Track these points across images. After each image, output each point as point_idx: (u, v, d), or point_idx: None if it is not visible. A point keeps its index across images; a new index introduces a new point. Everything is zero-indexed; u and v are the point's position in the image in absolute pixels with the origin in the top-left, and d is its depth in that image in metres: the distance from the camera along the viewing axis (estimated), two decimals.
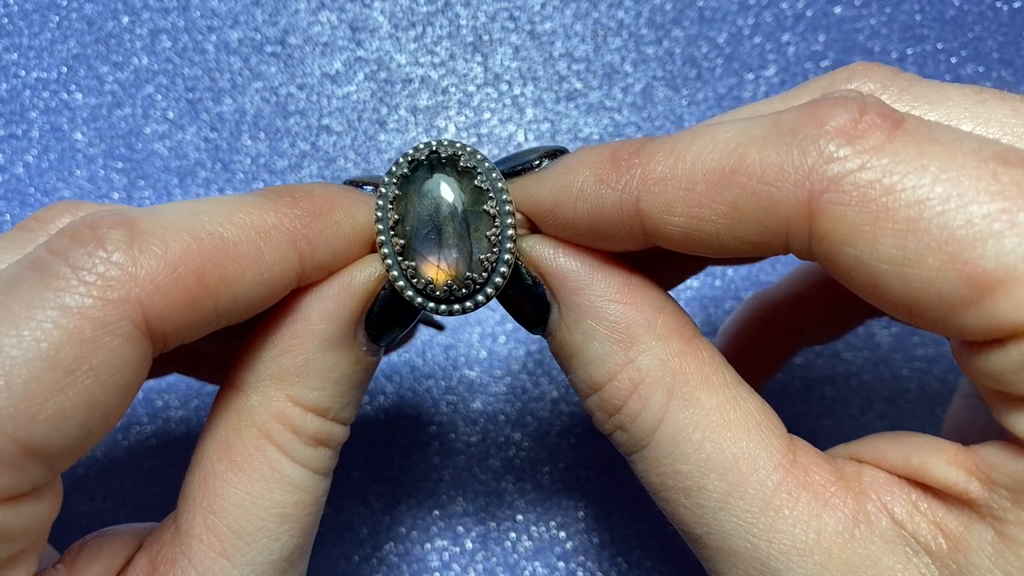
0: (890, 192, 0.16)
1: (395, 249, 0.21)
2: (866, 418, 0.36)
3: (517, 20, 0.39)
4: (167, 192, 0.37)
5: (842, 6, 0.39)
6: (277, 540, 0.21)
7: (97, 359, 0.17)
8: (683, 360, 0.20)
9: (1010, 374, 0.16)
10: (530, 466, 0.35)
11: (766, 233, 0.18)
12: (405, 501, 0.35)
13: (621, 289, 0.21)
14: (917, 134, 0.16)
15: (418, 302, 0.22)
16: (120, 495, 0.34)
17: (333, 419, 0.22)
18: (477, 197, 0.21)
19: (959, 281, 0.15)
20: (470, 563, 0.34)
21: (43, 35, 0.38)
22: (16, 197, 0.37)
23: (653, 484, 0.21)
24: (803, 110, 0.18)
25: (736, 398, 0.20)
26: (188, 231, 0.18)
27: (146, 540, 0.22)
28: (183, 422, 0.35)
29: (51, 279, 0.17)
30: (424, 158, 0.22)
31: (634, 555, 0.35)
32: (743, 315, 0.32)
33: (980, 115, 0.19)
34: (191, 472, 0.21)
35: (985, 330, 0.16)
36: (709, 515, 0.19)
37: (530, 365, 0.36)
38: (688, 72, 0.39)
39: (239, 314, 0.20)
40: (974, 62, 0.39)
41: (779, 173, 0.17)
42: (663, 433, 0.20)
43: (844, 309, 0.30)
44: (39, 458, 0.17)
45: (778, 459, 0.19)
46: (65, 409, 0.17)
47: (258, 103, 0.38)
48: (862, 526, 0.18)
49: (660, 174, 0.19)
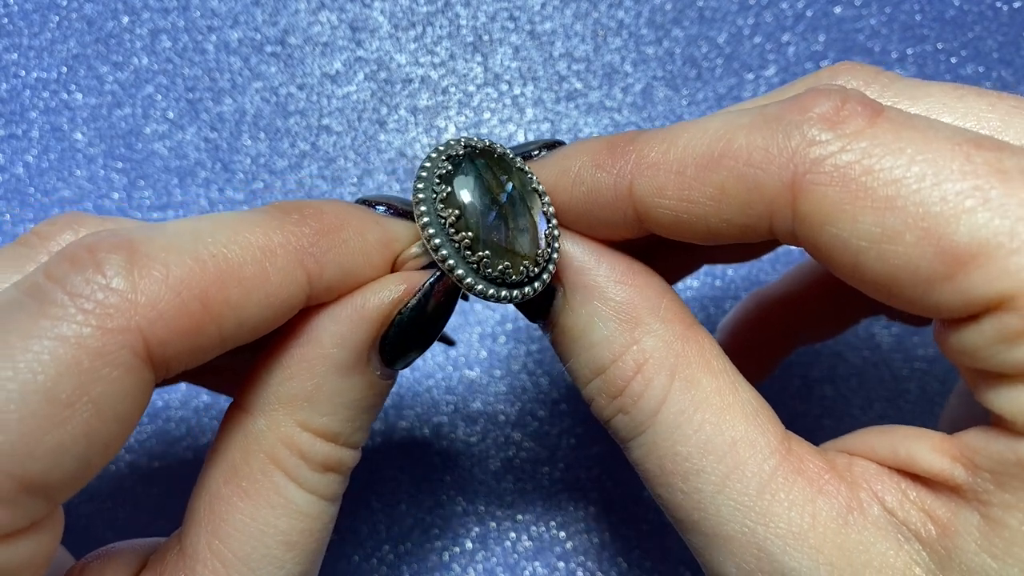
0: (869, 172, 0.17)
1: (463, 245, 0.21)
2: (866, 418, 0.36)
3: (517, 20, 0.39)
4: (167, 192, 0.37)
5: (842, 6, 0.39)
6: (282, 568, 0.20)
7: (96, 391, 0.16)
8: (685, 344, 0.21)
9: (984, 349, 0.16)
10: (530, 466, 0.35)
11: (751, 215, 0.18)
12: (405, 501, 0.35)
13: (626, 271, 0.21)
14: (896, 121, 0.17)
15: (490, 293, 0.21)
16: (120, 495, 0.34)
17: (343, 444, 0.21)
18: (522, 178, 0.22)
19: (935, 256, 0.16)
20: (470, 563, 0.34)
21: (43, 35, 0.38)
22: (16, 197, 0.37)
23: (651, 470, 0.21)
24: (789, 100, 0.18)
25: (735, 384, 0.20)
26: (190, 254, 0.18)
27: (150, 559, 0.21)
28: (183, 422, 0.35)
29: (48, 307, 0.16)
30: (462, 152, 0.21)
31: (634, 555, 0.35)
32: (740, 313, 0.32)
33: (958, 110, 0.20)
34: (197, 493, 0.21)
35: (960, 305, 0.16)
36: (707, 499, 0.19)
37: (530, 365, 0.36)
38: (688, 72, 0.39)
39: (244, 337, 0.19)
40: (974, 62, 0.39)
41: (764, 156, 0.18)
42: (664, 415, 0.20)
43: (840, 308, 0.31)
44: (37, 493, 0.16)
45: (775, 445, 0.19)
46: (64, 443, 0.16)
47: (258, 103, 0.38)
48: (855, 513, 0.18)
49: (653, 159, 0.20)
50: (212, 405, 0.35)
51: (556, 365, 0.36)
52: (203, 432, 0.35)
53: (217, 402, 0.35)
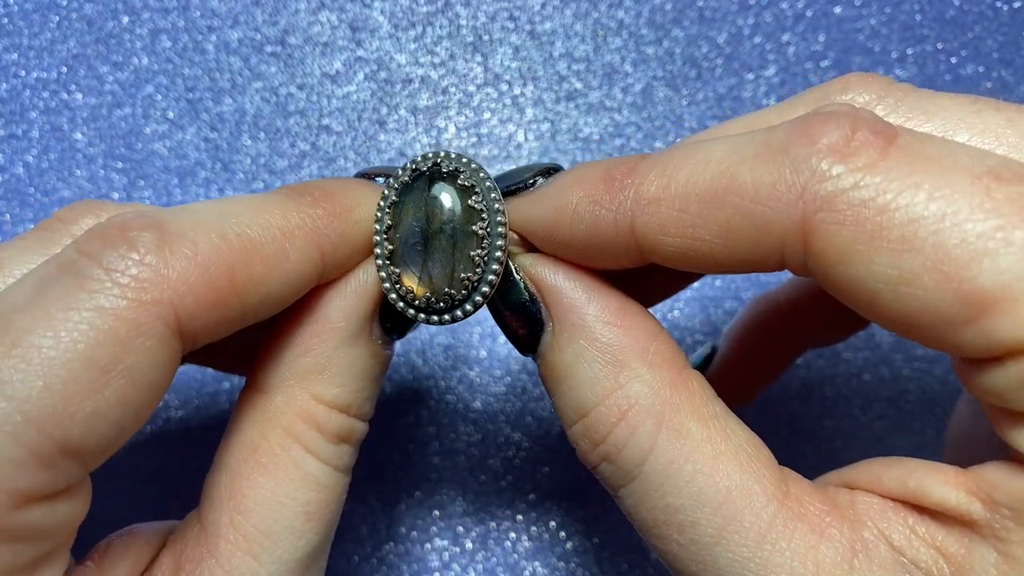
0: (884, 211, 0.16)
1: (385, 252, 0.22)
2: (866, 418, 0.36)
3: (517, 20, 0.39)
4: (167, 192, 0.37)
5: (842, 6, 0.39)
6: (302, 538, 0.21)
7: (131, 359, 0.17)
8: (673, 390, 0.20)
9: (1010, 392, 0.16)
10: (530, 466, 0.35)
11: (761, 252, 0.18)
12: (405, 501, 0.35)
13: (616, 312, 0.21)
14: (910, 150, 0.16)
15: (399, 307, 0.22)
16: (120, 494, 0.34)
17: (355, 415, 0.22)
18: (470, 216, 0.21)
19: (955, 300, 0.15)
20: (470, 563, 0.34)
21: (43, 35, 0.38)
22: (16, 197, 0.37)
23: (644, 520, 0.20)
24: (795, 126, 0.17)
25: (726, 430, 0.20)
26: (217, 232, 0.19)
27: (169, 539, 0.22)
28: (183, 422, 0.35)
29: (85, 281, 0.17)
30: (426, 169, 0.22)
31: (634, 555, 0.35)
32: (747, 317, 0.31)
33: (975, 126, 0.19)
34: (215, 473, 0.22)
35: (983, 348, 0.16)
36: (704, 551, 0.19)
37: (530, 365, 0.36)
38: (688, 72, 0.39)
39: (264, 312, 0.20)
40: (974, 62, 0.39)
41: (772, 193, 0.17)
42: (652, 465, 0.19)
43: (849, 311, 0.30)
44: (74, 457, 0.17)
45: (772, 491, 0.19)
46: (100, 408, 0.17)
47: (258, 103, 0.38)
48: (860, 556, 0.18)
49: (653, 194, 0.19)
50: (212, 404, 0.35)
51: None
52: (204, 432, 0.35)
53: (217, 402, 0.35)
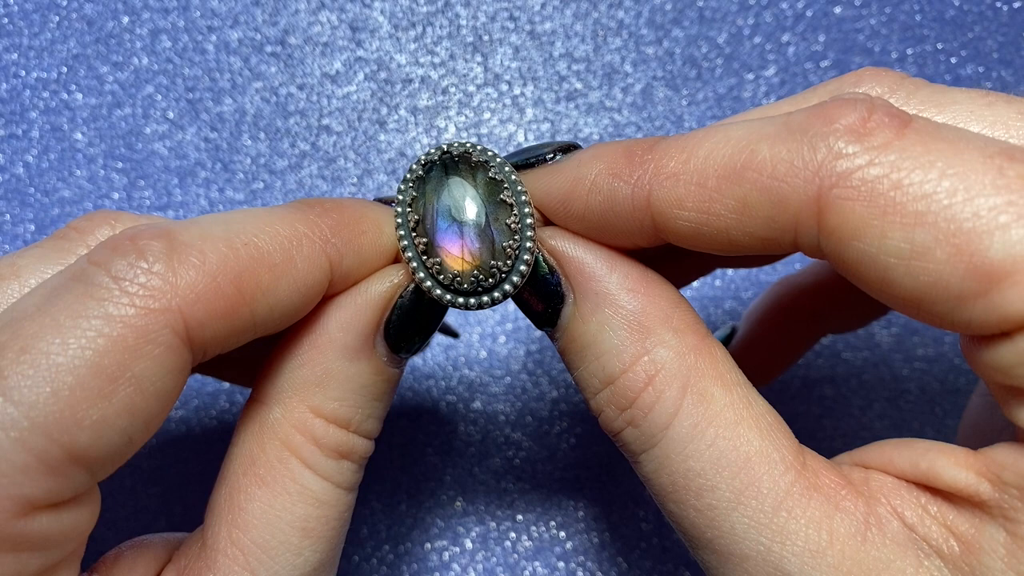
0: (898, 187, 0.16)
1: (419, 249, 0.21)
2: (866, 418, 0.36)
3: (517, 20, 0.39)
4: (167, 192, 0.37)
5: (842, 6, 0.39)
6: (299, 555, 0.21)
7: (139, 367, 0.17)
8: (698, 356, 0.20)
9: (1019, 367, 0.16)
10: (530, 466, 0.35)
11: (775, 228, 0.18)
12: (405, 501, 0.35)
13: (638, 280, 0.21)
14: (924, 132, 0.17)
15: (447, 299, 0.21)
16: (120, 495, 0.34)
17: (355, 431, 0.22)
18: (493, 188, 0.22)
19: (966, 273, 0.16)
20: (470, 563, 0.34)
21: (43, 35, 0.38)
22: (16, 197, 0.37)
23: (662, 485, 0.20)
24: (814, 110, 0.18)
25: (748, 398, 0.20)
26: (224, 241, 0.19)
27: (175, 553, 0.22)
28: (183, 422, 0.35)
29: (94, 289, 0.17)
30: (437, 159, 0.22)
31: (634, 555, 0.35)
32: (768, 300, 0.31)
33: (986, 118, 0.19)
34: (218, 487, 0.22)
35: (993, 322, 0.16)
36: (721, 516, 0.19)
37: (530, 365, 0.36)
38: (688, 72, 0.39)
39: (275, 323, 0.20)
40: (974, 62, 0.39)
41: (789, 169, 0.17)
42: (676, 429, 0.20)
43: (868, 297, 0.30)
44: (81, 464, 0.17)
45: (790, 460, 0.19)
46: (108, 416, 0.17)
47: (258, 103, 0.38)
48: (873, 529, 0.18)
49: (672, 169, 0.19)
50: (212, 405, 0.35)
51: (556, 365, 0.36)
52: (203, 432, 0.35)
53: (217, 402, 0.35)
